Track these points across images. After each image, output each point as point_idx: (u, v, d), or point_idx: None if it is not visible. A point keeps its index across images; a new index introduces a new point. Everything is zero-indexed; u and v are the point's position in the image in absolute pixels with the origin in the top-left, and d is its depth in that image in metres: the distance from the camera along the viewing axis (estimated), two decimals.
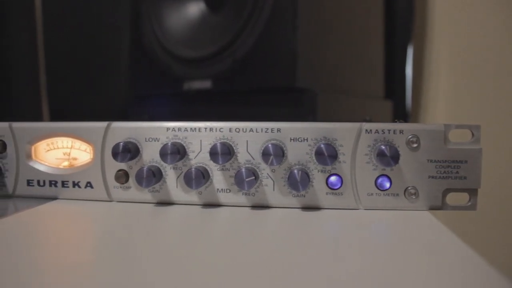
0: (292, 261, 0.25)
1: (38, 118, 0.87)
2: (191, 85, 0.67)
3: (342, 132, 0.36)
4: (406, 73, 0.77)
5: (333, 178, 0.36)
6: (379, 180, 0.36)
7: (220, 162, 0.35)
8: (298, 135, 0.36)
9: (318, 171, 0.36)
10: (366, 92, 0.73)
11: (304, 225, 0.33)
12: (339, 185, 0.36)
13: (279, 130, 0.36)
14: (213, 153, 0.35)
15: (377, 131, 0.36)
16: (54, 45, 0.86)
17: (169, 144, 0.36)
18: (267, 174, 0.37)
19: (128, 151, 0.36)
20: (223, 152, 0.35)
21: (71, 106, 0.85)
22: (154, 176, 0.36)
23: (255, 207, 0.37)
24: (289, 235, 0.30)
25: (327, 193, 0.36)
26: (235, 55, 0.63)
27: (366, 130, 0.36)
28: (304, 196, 0.36)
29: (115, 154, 0.37)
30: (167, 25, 0.69)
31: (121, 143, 0.37)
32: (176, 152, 0.36)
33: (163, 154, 0.36)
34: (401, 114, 0.79)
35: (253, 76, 0.63)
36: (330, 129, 0.36)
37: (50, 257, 0.26)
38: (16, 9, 0.83)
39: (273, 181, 0.36)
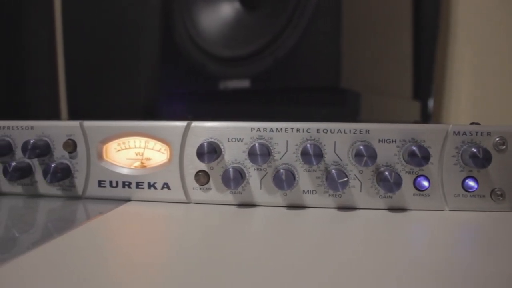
0: (396, 266, 0.24)
1: (56, 117, 0.85)
2: (227, 84, 0.66)
3: (430, 133, 0.36)
4: (433, 74, 0.78)
5: (420, 180, 0.36)
6: (466, 181, 0.36)
7: (315, 163, 0.35)
8: (387, 137, 0.36)
9: (406, 173, 0.36)
10: (399, 93, 0.73)
11: (397, 227, 0.33)
12: (426, 186, 0.36)
13: (368, 131, 0.36)
14: (305, 154, 0.35)
15: (464, 133, 0.36)
16: (73, 43, 0.84)
17: (257, 144, 0.35)
18: (354, 175, 0.36)
19: (214, 151, 0.36)
20: (316, 154, 0.35)
21: (91, 105, 0.83)
22: (242, 177, 0.36)
23: (341, 208, 0.37)
24: (385, 237, 0.30)
25: (414, 195, 0.36)
26: (276, 54, 0.62)
27: (454, 132, 0.36)
28: (391, 198, 0.36)
29: (201, 154, 0.36)
30: (201, 24, 0.68)
31: (205, 143, 0.36)
32: (266, 153, 0.35)
33: (252, 154, 0.35)
34: (424, 114, 0.80)
35: (294, 76, 0.62)
36: (418, 130, 0.36)
37: (143, 262, 0.25)
38: (34, 5, 0.81)
39: (360, 182, 0.36)
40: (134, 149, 0.39)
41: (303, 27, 0.61)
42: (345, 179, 0.35)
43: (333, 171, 0.35)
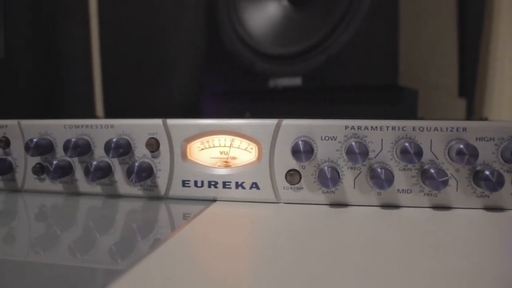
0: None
1: (91, 116, 0.84)
2: (278, 83, 0.65)
3: None
4: (477, 71, 0.78)
5: None
6: None
7: (416, 161, 0.34)
8: (484, 135, 0.35)
9: (504, 171, 0.35)
10: (447, 90, 0.73)
11: (496, 227, 0.32)
12: None
13: (465, 129, 0.35)
14: (404, 152, 0.34)
15: None
16: (110, 42, 0.83)
17: (354, 143, 0.35)
18: (451, 174, 0.35)
19: (311, 150, 0.35)
20: (416, 152, 0.34)
21: (128, 103, 0.82)
22: (339, 176, 0.35)
23: (437, 208, 0.36)
24: (485, 238, 0.29)
25: None
26: (330, 51, 0.61)
27: None
28: (488, 197, 0.35)
29: (297, 152, 0.35)
30: (249, 22, 0.67)
31: (300, 141, 0.35)
32: (365, 151, 0.34)
33: (351, 153, 0.34)
34: (469, 111, 0.79)
35: (349, 74, 0.61)
36: None
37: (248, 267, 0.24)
38: (70, 5, 0.80)
39: (457, 181, 0.35)
40: (219, 148, 0.38)
41: (358, 24, 0.60)
42: (446, 177, 0.34)
43: (432, 170, 0.34)
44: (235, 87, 0.70)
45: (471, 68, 0.78)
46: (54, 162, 0.39)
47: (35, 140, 0.39)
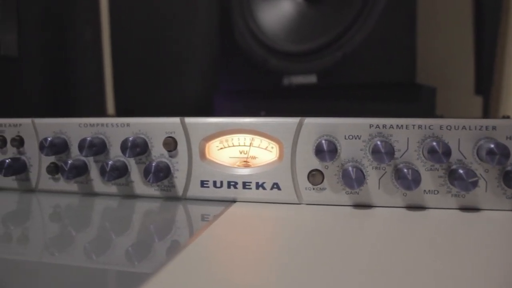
0: None
1: (102, 114, 0.83)
2: (292, 80, 0.64)
3: None
4: (494, 69, 0.76)
5: None
6: None
7: (444, 161, 0.33)
8: None
9: None
10: (464, 88, 0.71)
11: None
12: None
13: (494, 128, 0.34)
14: (432, 152, 0.33)
15: None
16: (121, 40, 0.82)
17: (379, 142, 0.33)
18: (480, 174, 0.34)
19: (335, 149, 0.34)
20: (445, 151, 0.33)
21: (140, 102, 0.81)
22: (364, 176, 0.34)
23: (464, 209, 0.35)
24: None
25: None
26: (346, 49, 0.60)
27: None
28: None
29: (320, 152, 0.34)
30: (263, 20, 0.66)
31: (324, 141, 0.34)
32: (391, 151, 0.33)
33: (377, 152, 0.33)
34: (486, 109, 0.78)
35: (365, 71, 0.60)
36: None
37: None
38: (81, 2, 0.79)
39: (486, 181, 0.34)
40: (238, 147, 0.37)
41: (374, 20, 0.58)
42: (476, 178, 0.33)
43: (460, 170, 0.33)
44: (248, 85, 0.68)
45: (487, 65, 0.77)
46: (69, 162, 0.38)
47: (49, 139, 0.38)
